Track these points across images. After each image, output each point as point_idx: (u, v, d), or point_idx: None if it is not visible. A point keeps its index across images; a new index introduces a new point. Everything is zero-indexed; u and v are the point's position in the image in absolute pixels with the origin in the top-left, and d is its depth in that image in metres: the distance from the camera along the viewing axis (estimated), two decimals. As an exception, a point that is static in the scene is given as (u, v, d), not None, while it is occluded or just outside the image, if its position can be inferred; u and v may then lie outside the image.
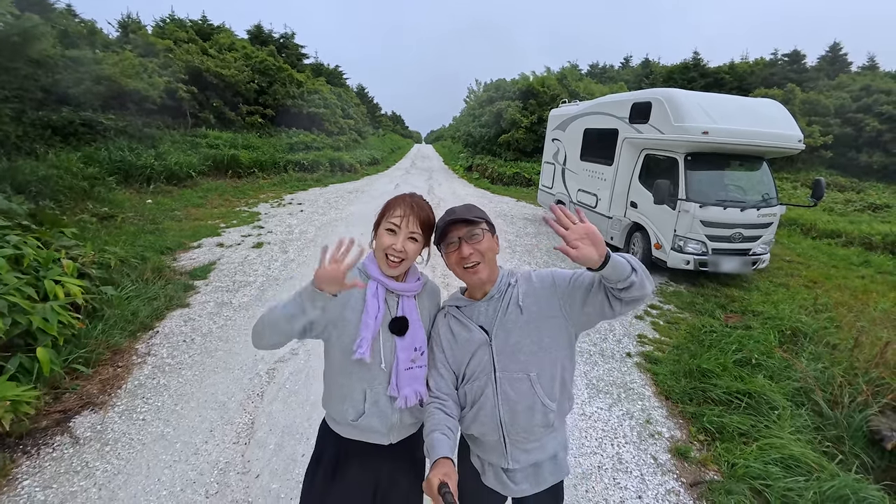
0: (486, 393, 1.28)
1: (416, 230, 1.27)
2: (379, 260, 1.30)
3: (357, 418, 1.30)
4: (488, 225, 1.33)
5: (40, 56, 7.88)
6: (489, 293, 1.33)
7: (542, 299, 1.29)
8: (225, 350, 3.65)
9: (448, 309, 1.39)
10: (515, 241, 8.32)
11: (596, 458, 2.71)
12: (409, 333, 1.29)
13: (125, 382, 3.12)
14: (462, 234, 1.27)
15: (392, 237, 1.25)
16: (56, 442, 2.52)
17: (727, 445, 2.79)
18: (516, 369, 1.27)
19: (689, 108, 5.87)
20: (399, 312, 1.30)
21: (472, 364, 1.30)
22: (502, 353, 1.27)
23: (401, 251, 1.25)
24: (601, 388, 3.50)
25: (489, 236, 1.31)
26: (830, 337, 4.14)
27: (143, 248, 5.79)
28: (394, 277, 1.31)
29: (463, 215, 1.29)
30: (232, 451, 2.58)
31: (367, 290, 1.27)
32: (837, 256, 8.29)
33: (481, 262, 1.28)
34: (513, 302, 1.30)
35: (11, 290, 2.89)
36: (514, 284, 1.34)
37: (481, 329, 1.30)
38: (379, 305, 1.26)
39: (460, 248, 1.27)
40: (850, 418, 2.96)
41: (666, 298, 5.69)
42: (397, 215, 1.26)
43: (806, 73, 24.41)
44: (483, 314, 1.31)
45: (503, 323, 1.28)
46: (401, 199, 1.30)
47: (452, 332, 1.34)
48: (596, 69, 34.96)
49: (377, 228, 1.31)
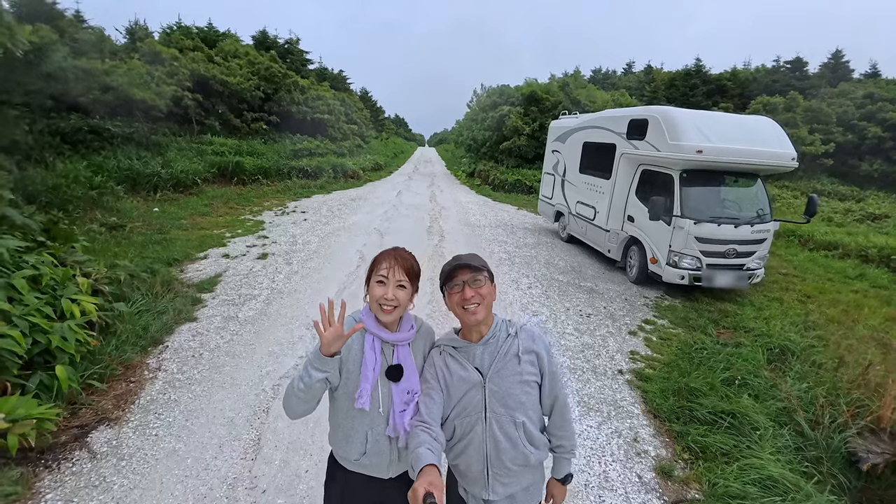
0: (476, 430, 1.43)
1: (402, 278, 1.42)
2: (374, 310, 1.44)
3: (360, 457, 1.46)
4: (489, 274, 1.49)
5: (53, 70, 8.10)
6: (485, 337, 1.47)
7: (535, 368, 1.47)
8: (232, 366, 3.81)
9: (444, 347, 1.52)
10: (515, 252, 8.46)
11: (584, 476, 2.85)
12: (404, 379, 1.44)
13: (138, 398, 3.29)
14: (466, 279, 1.43)
15: (382, 288, 1.41)
16: (75, 457, 2.68)
17: (709, 465, 2.93)
18: (505, 413, 1.42)
19: (685, 127, 6.01)
20: (395, 360, 1.45)
21: (464, 400, 1.44)
22: (494, 395, 1.42)
23: (392, 299, 1.40)
24: (592, 405, 3.64)
25: (489, 284, 1.47)
26: (817, 356, 4.26)
27: (151, 259, 5.97)
28: (388, 326, 1.46)
29: (469, 262, 1.45)
30: (240, 467, 2.73)
31: (365, 344, 1.42)
32: (833, 269, 8.39)
33: (480, 304, 1.43)
34: (512, 353, 1.45)
35: (32, 310, 3.06)
36: (513, 336, 1.48)
37: (476, 370, 1.44)
38: (376, 357, 1.42)
39: (463, 290, 1.42)
40: (829, 439, 3.08)
41: (661, 313, 5.82)
42: (384, 267, 1.42)
43: (808, 80, 24.50)
44: (478, 357, 1.46)
45: (499, 369, 1.43)
46: (386, 253, 1.46)
47: (448, 368, 1.47)
48: (599, 74, 35.11)
49: (368, 282, 1.46)
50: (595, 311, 5.76)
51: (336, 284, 5.96)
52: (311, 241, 8.09)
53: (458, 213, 12.30)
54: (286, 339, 4.37)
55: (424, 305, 5.33)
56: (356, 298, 5.48)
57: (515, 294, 6.12)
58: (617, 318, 5.58)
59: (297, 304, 5.23)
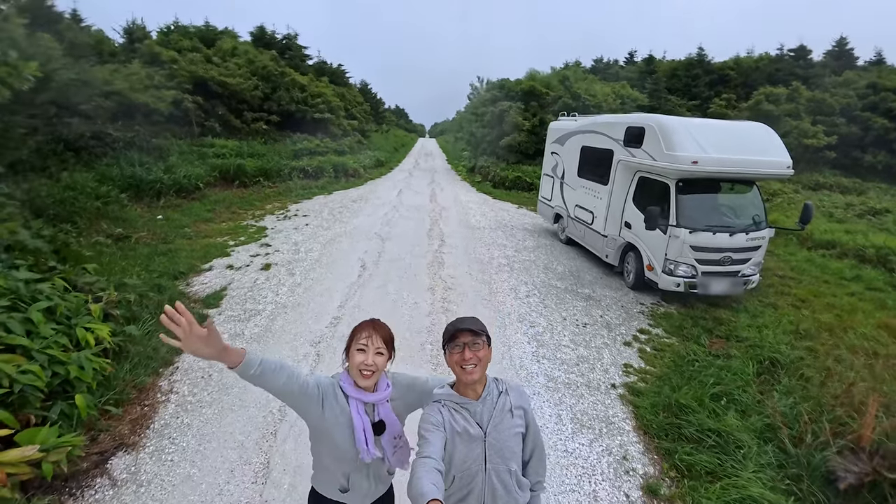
0: (476, 480, 1.60)
1: (380, 346, 1.61)
2: (354, 376, 1.62)
3: (343, 495, 1.70)
4: (487, 338, 1.64)
5: (59, 85, 8.22)
6: (482, 395, 1.64)
7: (522, 421, 1.67)
8: (240, 387, 3.97)
9: (446, 403, 1.65)
10: (514, 256, 8.58)
11: (574, 495, 3.02)
12: (388, 431, 1.67)
13: (152, 422, 3.46)
14: (467, 341, 1.59)
15: (363, 355, 1.59)
16: (97, 484, 2.86)
17: (694, 483, 3.09)
18: (501, 463, 1.60)
19: (680, 137, 6.07)
20: (377, 417, 1.66)
21: (465, 452, 1.59)
22: (492, 448, 1.60)
23: (371, 364, 1.58)
24: (584, 422, 3.79)
25: (486, 348, 1.63)
26: (806, 369, 4.39)
27: (157, 273, 6.13)
28: (367, 388, 1.63)
29: (470, 326, 1.61)
30: (251, 491, 2.91)
31: (351, 409, 1.60)
32: (830, 270, 8.47)
33: (477, 365, 1.59)
34: (505, 409, 1.64)
35: (50, 343, 3.22)
36: (504, 393, 1.67)
37: (478, 425, 1.61)
38: (363, 419, 1.61)
39: (463, 351, 1.58)
40: (810, 457, 3.23)
41: (656, 321, 5.96)
42: (364, 336, 1.60)
43: (812, 68, 24.20)
44: (479, 413, 1.63)
45: (497, 424, 1.61)
46: (365, 324, 1.65)
47: (455, 421, 1.61)
48: (600, 64, 34.69)
49: (348, 351, 1.64)
50: (592, 320, 5.90)
51: (339, 297, 6.11)
52: (313, 249, 8.23)
53: (458, 213, 12.40)
54: (291, 356, 4.54)
55: (424, 310, 5.46)
56: (359, 310, 5.64)
57: (514, 304, 6.26)
58: (613, 327, 5.72)
59: (300, 319, 5.38)
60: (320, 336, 4.99)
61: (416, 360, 4.60)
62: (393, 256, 8.09)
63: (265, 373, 1.46)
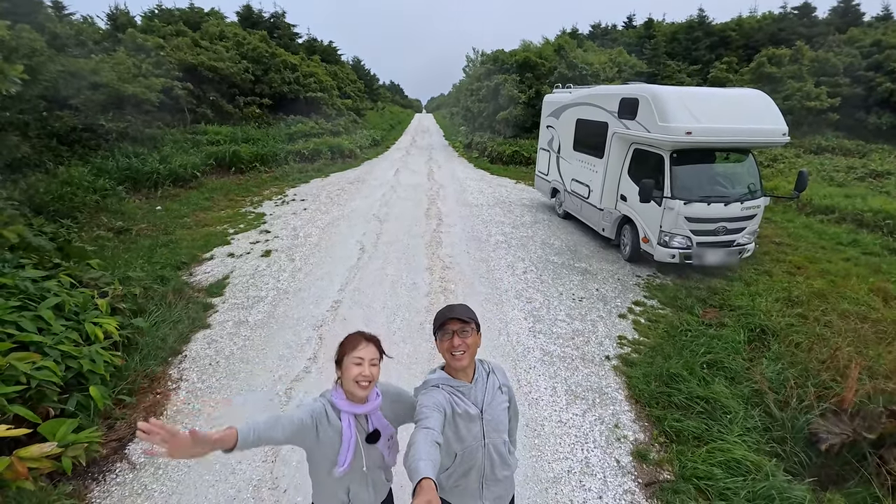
0: (477, 455, 1.75)
1: (374, 356, 1.65)
2: (350, 388, 1.63)
3: None
4: (476, 325, 1.72)
5: (46, 79, 8.13)
6: (474, 378, 1.75)
7: (506, 397, 1.85)
8: (246, 372, 4.13)
9: (443, 387, 1.73)
10: (512, 233, 8.63)
11: (567, 462, 3.19)
12: (382, 433, 1.73)
13: (165, 409, 3.63)
14: (456, 329, 1.67)
15: (359, 367, 1.62)
16: (117, 468, 3.05)
17: (682, 448, 3.25)
18: (497, 436, 1.77)
19: (674, 108, 6.00)
20: (370, 427, 1.71)
21: (466, 432, 1.70)
22: (489, 424, 1.74)
23: (368, 376, 1.63)
24: (578, 393, 3.95)
25: (475, 334, 1.71)
26: (795, 335, 4.50)
27: (160, 265, 6.24)
28: (361, 399, 1.66)
29: (459, 315, 1.68)
30: (262, 469, 3.09)
31: (343, 423, 1.64)
32: (827, 235, 8.50)
33: (466, 352, 1.68)
34: (495, 387, 1.79)
35: (62, 338, 3.36)
36: (491, 372, 1.82)
37: (474, 405, 1.72)
38: (352, 433, 1.65)
39: (452, 338, 1.66)
40: (794, 420, 3.38)
41: (651, 293, 6.06)
42: (360, 349, 1.63)
43: (816, 27, 23.43)
44: (474, 394, 1.74)
45: (490, 402, 1.74)
46: (357, 337, 1.67)
47: (454, 403, 1.69)
48: (598, 30, 33.68)
49: (341, 364, 1.66)
50: (587, 293, 6.01)
51: (339, 280, 6.21)
52: (311, 234, 8.30)
53: (455, 191, 12.38)
54: (294, 341, 4.68)
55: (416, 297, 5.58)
56: (359, 292, 5.75)
57: (511, 280, 6.36)
58: (608, 300, 5.83)
59: (302, 304, 5.51)
60: (322, 320, 5.13)
61: (415, 340, 4.74)
62: (391, 238, 8.16)
63: (262, 437, 1.48)
